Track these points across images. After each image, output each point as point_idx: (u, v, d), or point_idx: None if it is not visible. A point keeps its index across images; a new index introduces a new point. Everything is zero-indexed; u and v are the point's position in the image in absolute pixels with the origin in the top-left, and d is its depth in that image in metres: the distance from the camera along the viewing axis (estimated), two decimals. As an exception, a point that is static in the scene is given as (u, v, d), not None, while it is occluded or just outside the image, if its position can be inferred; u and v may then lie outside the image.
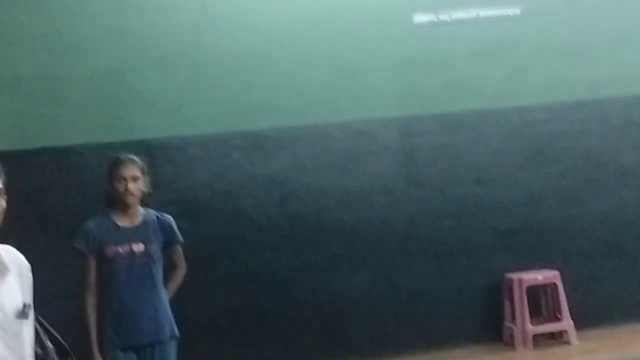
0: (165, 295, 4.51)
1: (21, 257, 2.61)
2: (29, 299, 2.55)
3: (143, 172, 4.42)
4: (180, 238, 4.56)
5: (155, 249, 4.40)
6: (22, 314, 2.48)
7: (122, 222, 4.37)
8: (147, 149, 6.21)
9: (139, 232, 4.37)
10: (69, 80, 6.28)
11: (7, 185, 2.62)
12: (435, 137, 6.84)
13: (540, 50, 7.02)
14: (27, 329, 2.51)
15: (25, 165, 6.10)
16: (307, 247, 6.62)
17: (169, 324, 4.49)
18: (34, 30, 6.24)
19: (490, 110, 6.91)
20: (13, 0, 6.22)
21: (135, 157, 4.44)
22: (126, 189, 4.30)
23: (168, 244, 4.51)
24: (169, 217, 4.54)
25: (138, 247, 4.33)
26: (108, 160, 4.48)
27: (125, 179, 4.31)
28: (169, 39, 6.45)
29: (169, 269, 4.53)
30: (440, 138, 6.85)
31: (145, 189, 4.42)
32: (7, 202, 2.55)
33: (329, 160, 6.68)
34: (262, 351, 6.48)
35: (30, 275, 2.59)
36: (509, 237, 6.88)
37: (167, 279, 4.50)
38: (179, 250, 4.62)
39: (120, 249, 4.30)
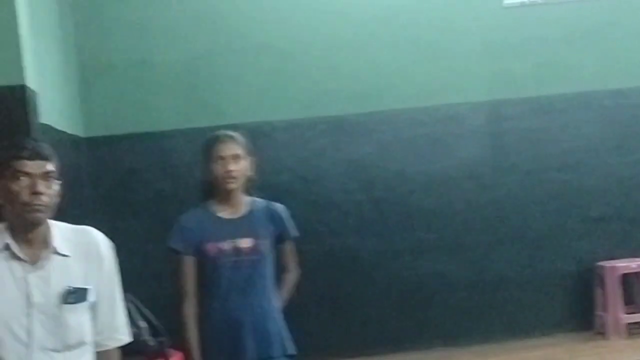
0: (277, 302, 3.76)
1: (94, 239, 2.64)
2: (93, 282, 2.59)
3: (246, 152, 3.67)
4: (295, 232, 3.77)
5: (266, 244, 3.62)
6: (66, 299, 2.52)
7: (224, 213, 3.61)
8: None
9: (246, 225, 3.60)
10: (160, 67, 6.41)
11: (99, 169, 2.74)
12: (524, 121, 6.71)
13: (634, 33, 6.81)
14: (74, 314, 2.55)
15: (118, 151, 6.28)
16: (392, 232, 6.60)
17: (282, 338, 3.74)
18: (126, 19, 6.38)
19: (581, 94, 6.74)
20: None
21: (235, 134, 3.71)
22: (226, 171, 3.53)
23: (279, 239, 3.71)
24: (281, 206, 3.74)
25: (245, 243, 3.57)
26: (204, 140, 3.76)
27: (224, 159, 3.57)
28: (256, 26, 6.51)
29: (278, 270, 3.77)
30: (529, 122, 6.72)
31: (249, 172, 3.66)
32: (101, 185, 2.63)
33: (414, 145, 6.64)
34: (346, 335, 6.51)
35: (105, 257, 2.62)
36: (600, 223, 6.71)
37: (277, 282, 3.77)
38: (292, 247, 3.81)
39: (223, 246, 3.56)
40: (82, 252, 2.56)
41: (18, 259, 2.49)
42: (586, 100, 6.75)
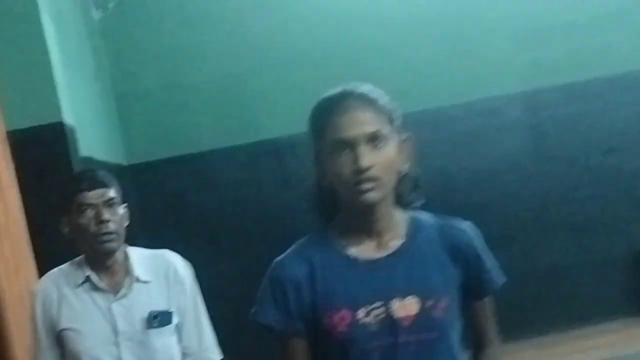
0: None
1: (172, 262, 2.70)
2: (175, 304, 2.63)
3: (394, 129, 1.97)
4: (499, 276, 2.13)
5: (448, 307, 1.95)
6: (151, 324, 2.56)
7: (360, 250, 1.95)
8: (274, 149, 6.34)
9: (404, 270, 1.94)
10: (195, 88, 6.46)
11: (144, 196, 2.73)
12: (563, 108, 6.63)
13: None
14: (160, 338, 2.59)
15: (161, 175, 6.34)
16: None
17: None
18: (157, 43, 6.44)
19: (618, 76, 6.63)
20: (133, 17, 6.44)
21: (367, 90, 1.98)
22: (357, 169, 1.84)
23: (470, 293, 2.04)
24: (467, 226, 2.05)
25: (405, 308, 1.91)
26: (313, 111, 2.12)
27: (352, 144, 1.86)
28: (286, 39, 6.53)
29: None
30: (567, 109, 6.63)
31: (401, 164, 1.95)
32: (147, 212, 2.67)
33: (454, 142, 6.59)
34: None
35: (184, 279, 2.67)
36: (651, 205, 6.60)
37: None
38: (490, 303, 2.17)
39: (362, 316, 1.90)
40: (162, 275, 2.63)
41: (100, 289, 2.55)
42: (623, 82, 6.63)
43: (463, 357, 2.04)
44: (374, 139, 1.87)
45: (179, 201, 6.38)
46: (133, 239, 2.82)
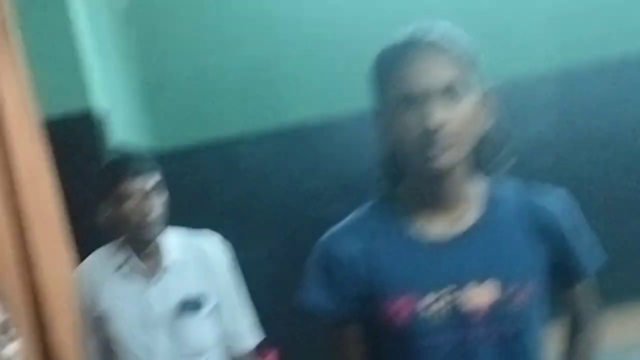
0: None
1: (209, 244, 2.67)
2: (211, 287, 2.61)
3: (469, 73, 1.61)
4: (594, 260, 1.74)
5: (535, 292, 1.64)
6: (185, 308, 2.55)
7: (429, 227, 1.64)
8: (302, 132, 6.31)
9: (481, 248, 1.62)
10: (221, 73, 6.43)
11: (175, 182, 2.70)
12: (597, 87, 6.53)
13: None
14: (194, 322, 2.57)
15: (191, 161, 6.33)
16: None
17: None
18: (183, 29, 6.42)
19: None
20: (159, 3, 6.42)
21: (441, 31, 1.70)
22: (429, 127, 1.51)
23: (560, 277, 1.71)
24: (557, 200, 1.72)
25: (481, 294, 1.60)
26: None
27: (415, 99, 1.53)
28: (313, 20, 6.49)
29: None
30: (601, 87, 6.53)
31: (478, 121, 1.60)
32: (179, 199, 2.63)
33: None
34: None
35: (221, 261, 2.65)
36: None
37: None
38: (584, 288, 1.79)
39: (426, 304, 1.60)
40: (198, 258, 2.61)
41: (137, 273, 2.54)
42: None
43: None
44: (447, 92, 1.49)
45: (208, 186, 6.36)
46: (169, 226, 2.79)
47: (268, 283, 6.13)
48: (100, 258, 2.62)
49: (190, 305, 2.58)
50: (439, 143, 1.48)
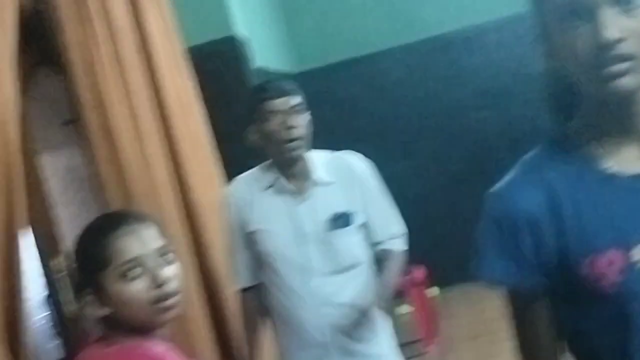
0: None
1: (352, 163, 2.73)
2: (358, 203, 2.68)
3: None
4: None
5: None
6: (335, 225, 2.62)
7: (622, 158, 1.32)
8: (443, 45, 6.23)
9: None
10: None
11: (316, 102, 2.71)
12: None
13: None
14: (344, 238, 2.65)
15: (332, 81, 6.39)
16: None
17: None
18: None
19: None
20: None
21: None
22: (602, 43, 1.22)
23: None
24: None
25: None
26: None
27: (584, 9, 1.25)
28: None
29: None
30: None
31: None
32: (319, 117, 2.69)
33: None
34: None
35: (365, 176, 2.71)
36: None
37: None
38: None
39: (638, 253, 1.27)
40: (344, 176, 2.67)
41: (287, 192, 2.65)
42: None
43: None
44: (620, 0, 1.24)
45: (350, 105, 6.43)
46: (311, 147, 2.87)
47: (414, 199, 6.20)
48: (249, 179, 2.72)
49: (340, 221, 2.65)
50: (618, 61, 1.22)
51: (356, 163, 2.76)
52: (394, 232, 2.77)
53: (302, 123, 2.62)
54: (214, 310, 3.06)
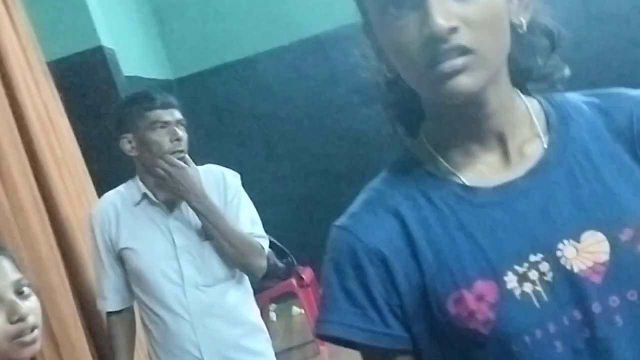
0: None
1: (221, 173, 2.71)
2: (228, 211, 2.65)
3: None
4: None
5: None
6: (207, 235, 2.60)
7: (481, 169, 1.12)
8: (318, 45, 6.26)
9: (565, 187, 1.10)
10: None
11: (195, 108, 2.66)
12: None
13: None
14: (213, 248, 2.63)
15: (210, 85, 6.33)
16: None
17: None
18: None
19: None
20: None
21: None
22: (431, 35, 1.00)
23: None
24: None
25: (588, 251, 1.06)
26: None
27: None
28: None
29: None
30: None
31: (516, 20, 1.10)
32: (199, 123, 2.66)
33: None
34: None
35: (232, 184, 2.69)
36: None
37: None
38: None
39: (514, 282, 1.04)
40: (214, 188, 2.65)
41: (157, 206, 2.60)
42: None
43: None
44: None
45: (231, 109, 6.39)
46: (192, 152, 2.82)
47: (299, 200, 6.21)
48: (116, 196, 2.66)
49: (203, 234, 2.62)
50: (452, 55, 0.98)
51: (224, 173, 2.74)
52: (260, 233, 2.76)
53: (185, 137, 2.61)
54: (93, 332, 2.97)
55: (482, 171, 1.11)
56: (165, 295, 2.60)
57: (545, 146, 1.12)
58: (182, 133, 2.60)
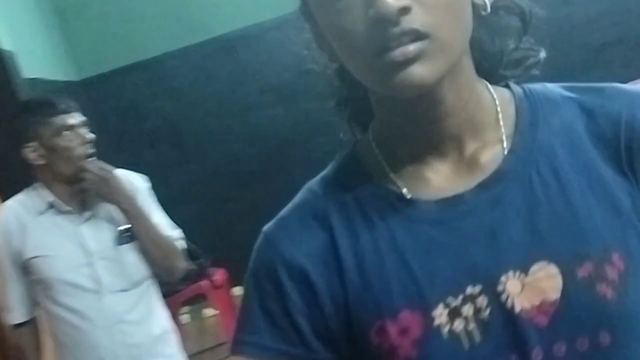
0: None
1: (127, 177, 2.68)
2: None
3: None
4: None
5: (629, 267, 0.90)
6: (120, 240, 2.58)
7: (427, 178, 0.97)
8: (228, 44, 6.23)
9: (521, 206, 0.93)
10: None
11: (101, 109, 2.60)
12: None
13: None
14: (131, 252, 2.61)
15: (115, 86, 6.22)
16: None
17: None
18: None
19: None
20: None
21: None
22: (379, 16, 0.84)
23: None
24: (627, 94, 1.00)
25: (536, 286, 0.90)
26: None
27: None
28: None
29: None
30: None
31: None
32: (106, 124, 2.61)
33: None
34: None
35: (139, 187, 2.67)
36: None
37: None
38: None
39: (444, 316, 0.91)
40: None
41: (65, 213, 2.54)
42: None
43: None
44: None
45: (139, 110, 6.29)
46: (99, 153, 2.77)
47: (209, 201, 6.16)
48: (19, 205, 2.60)
49: (126, 237, 2.60)
50: (404, 40, 0.83)
51: (130, 176, 2.72)
52: (177, 235, 2.76)
53: (92, 138, 2.58)
54: (3, 344, 2.89)
55: (429, 180, 0.95)
56: (79, 303, 2.56)
57: (506, 152, 0.94)
58: (89, 135, 2.56)
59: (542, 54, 1.00)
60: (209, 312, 5.39)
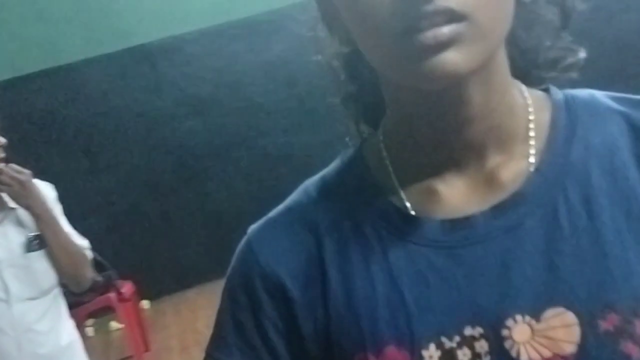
0: None
1: (41, 188, 2.64)
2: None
3: None
4: None
5: None
6: (29, 247, 2.54)
7: (438, 192, 0.80)
8: (145, 54, 6.19)
9: (541, 237, 0.76)
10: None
11: (13, 113, 2.55)
12: None
13: None
14: (40, 259, 2.57)
15: (29, 91, 6.10)
16: (320, 125, 6.60)
17: None
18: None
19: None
20: None
21: None
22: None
23: None
24: None
25: (548, 336, 0.73)
26: None
27: None
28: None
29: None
30: None
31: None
32: (18, 129, 2.57)
33: (329, 36, 6.57)
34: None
35: (45, 196, 2.63)
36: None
37: None
38: None
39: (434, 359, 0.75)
40: None
41: None
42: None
43: None
44: None
45: (50, 116, 6.19)
46: (9, 159, 2.72)
47: (120, 212, 6.09)
48: None
49: (35, 244, 2.56)
50: (437, 21, 0.68)
51: (40, 187, 2.68)
52: (85, 244, 2.72)
53: (4, 142, 2.52)
54: None
55: (439, 194, 0.80)
56: None
57: (532, 169, 0.79)
58: (1, 139, 2.51)
59: (582, 54, 0.84)
60: (114, 325, 5.31)
